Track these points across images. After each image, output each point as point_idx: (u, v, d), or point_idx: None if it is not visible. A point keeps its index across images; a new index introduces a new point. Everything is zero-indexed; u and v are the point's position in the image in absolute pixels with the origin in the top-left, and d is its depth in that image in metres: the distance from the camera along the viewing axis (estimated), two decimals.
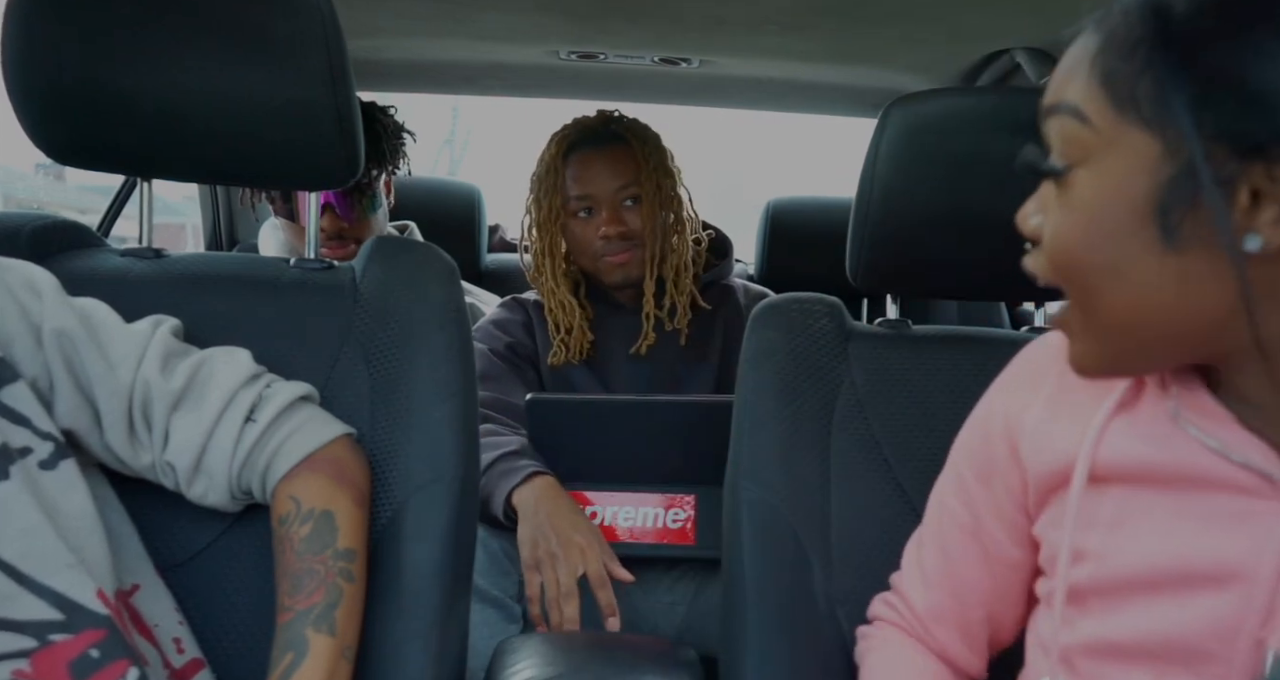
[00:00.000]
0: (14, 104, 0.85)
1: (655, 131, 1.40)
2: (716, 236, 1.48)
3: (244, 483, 0.78)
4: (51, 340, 0.73)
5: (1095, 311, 0.52)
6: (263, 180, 1.08)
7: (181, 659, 0.78)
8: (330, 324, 0.88)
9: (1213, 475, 0.54)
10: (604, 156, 1.35)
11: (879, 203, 0.89)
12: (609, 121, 1.39)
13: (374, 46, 1.59)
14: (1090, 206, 0.50)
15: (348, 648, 0.74)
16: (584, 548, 1.11)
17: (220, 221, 1.96)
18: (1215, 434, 0.54)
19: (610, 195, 1.34)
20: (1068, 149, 0.51)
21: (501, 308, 1.45)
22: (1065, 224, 0.52)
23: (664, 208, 1.36)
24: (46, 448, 0.71)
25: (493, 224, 2.25)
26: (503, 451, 1.19)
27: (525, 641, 0.92)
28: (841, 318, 0.94)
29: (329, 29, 0.83)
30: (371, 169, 1.46)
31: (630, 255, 1.34)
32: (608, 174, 1.34)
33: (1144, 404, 0.58)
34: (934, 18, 1.34)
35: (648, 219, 1.34)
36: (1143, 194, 0.48)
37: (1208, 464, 0.54)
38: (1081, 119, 0.50)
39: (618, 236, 1.33)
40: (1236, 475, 0.53)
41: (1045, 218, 0.54)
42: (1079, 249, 0.51)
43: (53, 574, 0.67)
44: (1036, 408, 0.65)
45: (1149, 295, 0.50)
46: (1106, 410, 0.59)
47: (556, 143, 1.37)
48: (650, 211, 1.34)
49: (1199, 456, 0.54)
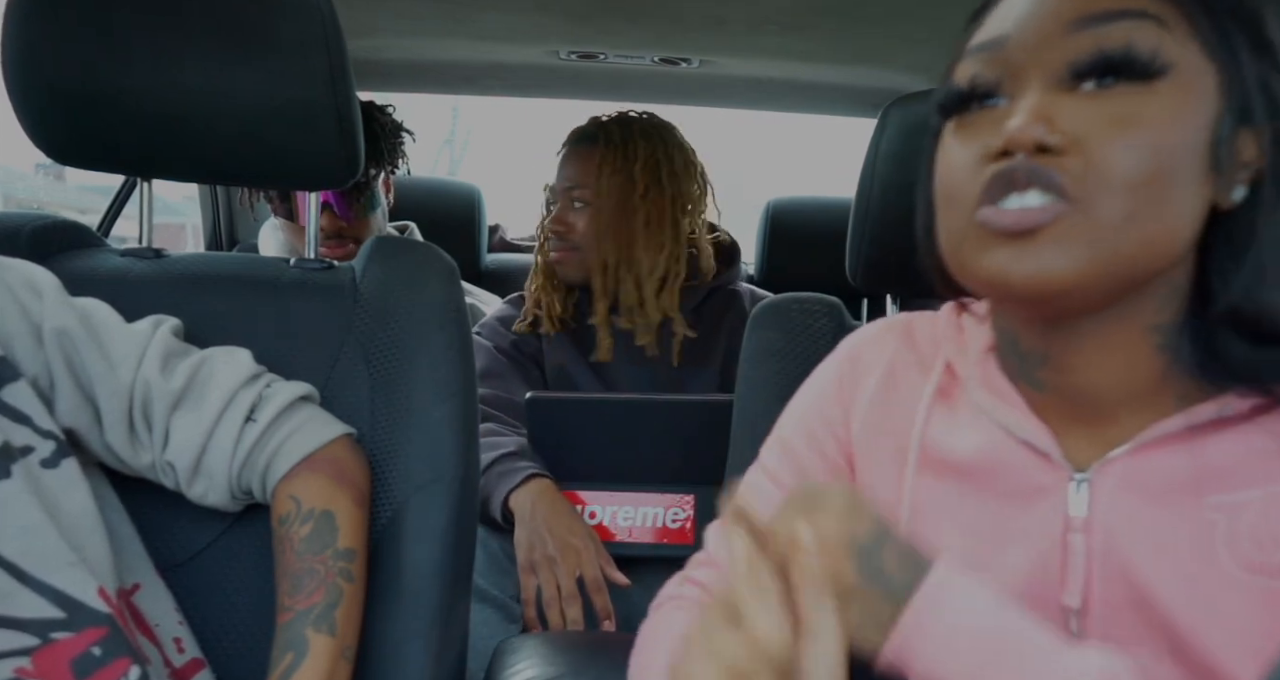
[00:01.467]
0: (14, 104, 0.85)
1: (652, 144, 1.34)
2: (725, 241, 1.47)
3: (244, 482, 0.78)
4: (52, 340, 0.73)
5: (1118, 225, 0.49)
6: (263, 180, 1.08)
7: (182, 658, 0.78)
8: (330, 324, 0.88)
9: (1007, 461, 0.58)
10: (573, 154, 1.36)
11: (879, 202, 0.89)
12: (609, 121, 1.38)
13: (374, 46, 1.59)
14: (1170, 122, 0.49)
15: (348, 648, 0.74)
16: (580, 551, 1.11)
17: (220, 221, 1.96)
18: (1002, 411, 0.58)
19: (562, 194, 1.35)
20: (1154, 56, 0.49)
21: (507, 305, 1.45)
22: (1140, 131, 0.49)
23: (621, 216, 1.31)
24: (48, 446, 0.71)
25: (493, 224, 2.25)
26: (501, 452, 1.19)
27: (525, 641, 0.92)
28: (841, 318, 0.94)
29: (329, 29, 0.84)
30: (370, 168, 1.46)
31: (566, 255, 1.34)
32: (566, 172, 1.35)
33: (955, 388, 0.63)
34: (934, 18, 1.34)
35: (592, 223, 1.32)
36: (1204, 123, 0.50)
37: (1004, 450, 0.58)
38: (1166, 28, 0.50)
39: (554, 234, 1.34)
40: (1024, 457, 0.57)
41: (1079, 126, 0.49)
42: (1146, 166, 0.48)
43: (54, 572, 0.67)
44: (870, 388, 0.67)
45: (1174, 221, 0.50)
46: (929, 394, 0.63)
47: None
48: (593, 217, 1.32)
49: (996, 443, 0.58)
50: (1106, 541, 0.54)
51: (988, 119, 0.53)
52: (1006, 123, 0.51)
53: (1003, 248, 0.51)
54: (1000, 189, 0.50)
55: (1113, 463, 0.55)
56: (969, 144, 0.54)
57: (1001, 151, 0.51)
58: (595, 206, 1.32)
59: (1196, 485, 0.52)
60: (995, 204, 0.51)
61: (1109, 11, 0.50)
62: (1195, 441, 0.53)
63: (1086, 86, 0.50)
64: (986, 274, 0.52)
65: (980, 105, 0.54)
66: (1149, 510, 0.53)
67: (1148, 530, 0.53)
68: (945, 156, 0.56)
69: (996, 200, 0.51)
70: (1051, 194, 0.49)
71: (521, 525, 1.13)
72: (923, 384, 0.64)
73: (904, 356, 0.67)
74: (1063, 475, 0.56)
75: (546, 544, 1.11)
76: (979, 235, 0.52)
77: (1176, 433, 0.53)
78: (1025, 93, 0.52)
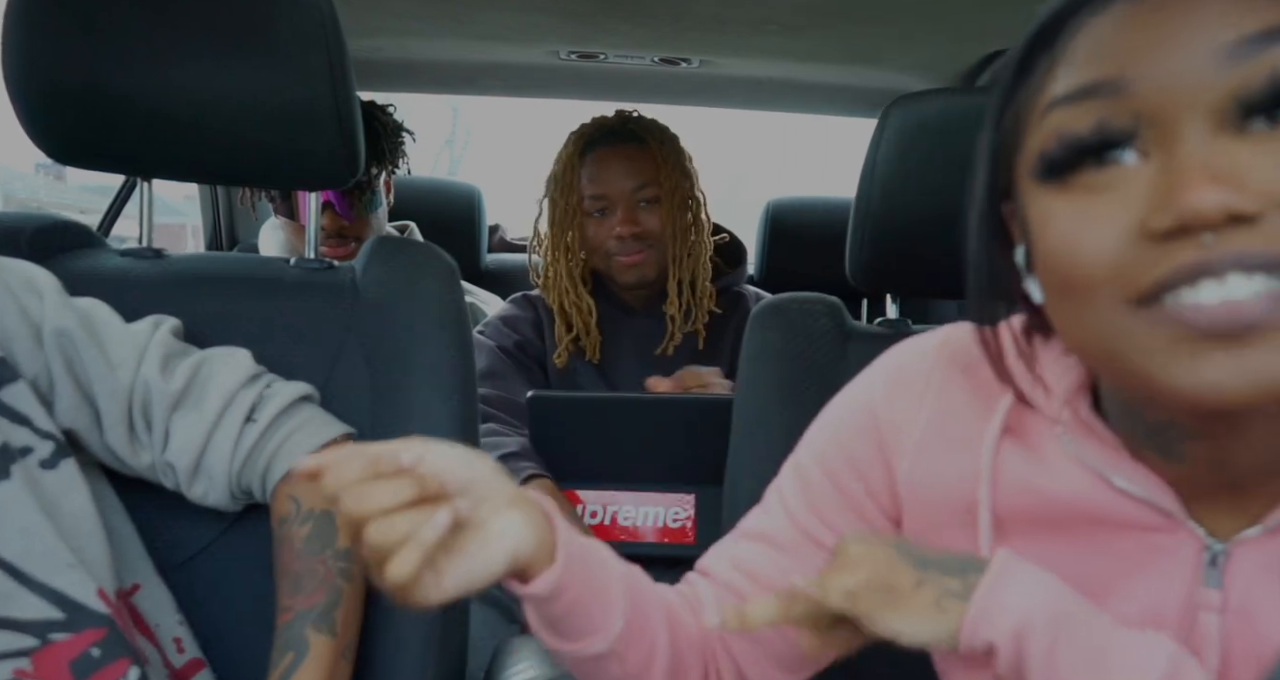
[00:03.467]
0: (14, 104, 0.85)
1: (674, 133, 1.39)
2: (730, 241, 1.47)
3: (244, 483, 0.78)
4: (52, 340, 0.73)
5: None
6: (263, 180, 1.08)
7: (182, 659, 0.78)
8: (330, 324, 0.88)
9: (1115, 514, 0.50)
10: (621, 156, 1.34)
11: (879, 203, 0.89)
12: (627, 121, 1.38)
13: (374, 46, 1.59)
14: None
15: (348, 648, 0.74)
16: None
17: (220, 221, 1.96)
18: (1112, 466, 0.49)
19: (626, 195, 1.33)
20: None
21: (511, 304, 1.45)
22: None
23: (682, 209, 1.35)
24: (47, 447, 0.71)
25: (493, 224, 2.25)
26: (502, 453, 1.19)
27: (525, 641, 0.92)
28: (841, 318, 0.94)
29: (329, 29, 0.83)
30: (371, 168, 1.46)
31: (644, 256, 1.34)
32: (624, 174, 1.33)
33: (1030, 426, 0.53)
34: (934, 18, 1.34)
35: (667, 221, 1.33)
36: None
37: (1107, 501, 0.50)
38: None
39: (632, 237, 1.32)
40: (1137, 512, 0.49)
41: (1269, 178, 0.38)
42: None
43: (53, 573, 0.67)
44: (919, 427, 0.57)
45: None
46: (993, 436, 0.53)
47: (574, 141, 1.37)
48: (668, 213, 1.33)
49: (1098, 493, 0.50)
50: (1243, 625, 0.48)
51: (1119, 181, 0.41)
52: (1176, 192, 0.39)
53: (1213, 355, 0.39)
54: (1186, 279, 0.39)
55: (1257, 540, 0.47)
56: (1099, 216, 0.41)
57: (1176, 229, 0.39)
58: (666, 203, 1.33)
59: None
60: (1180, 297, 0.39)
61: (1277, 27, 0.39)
62: None
63: (1258, 126, 0.39)
64: (1197, 395, 0.40)
65: (1097, 161, 0.42)
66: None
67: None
68: (1061, 231, 0.43)
69: (1180, 291, 0.39)
70: (1265, 276, 0.38)
71: None
72: (984, 419, 0.55)
73: (957, 385, 0.57)
74: (1191, 543, 0.49)
75: None
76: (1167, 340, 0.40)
77: None
78: (1176, 144, 0.40)
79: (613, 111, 1.41)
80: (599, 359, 1.37)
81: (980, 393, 0.55)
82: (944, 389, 0.57)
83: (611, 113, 1.40)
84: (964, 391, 0.56)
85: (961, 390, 0.56)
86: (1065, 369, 0.52)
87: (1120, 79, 0.41)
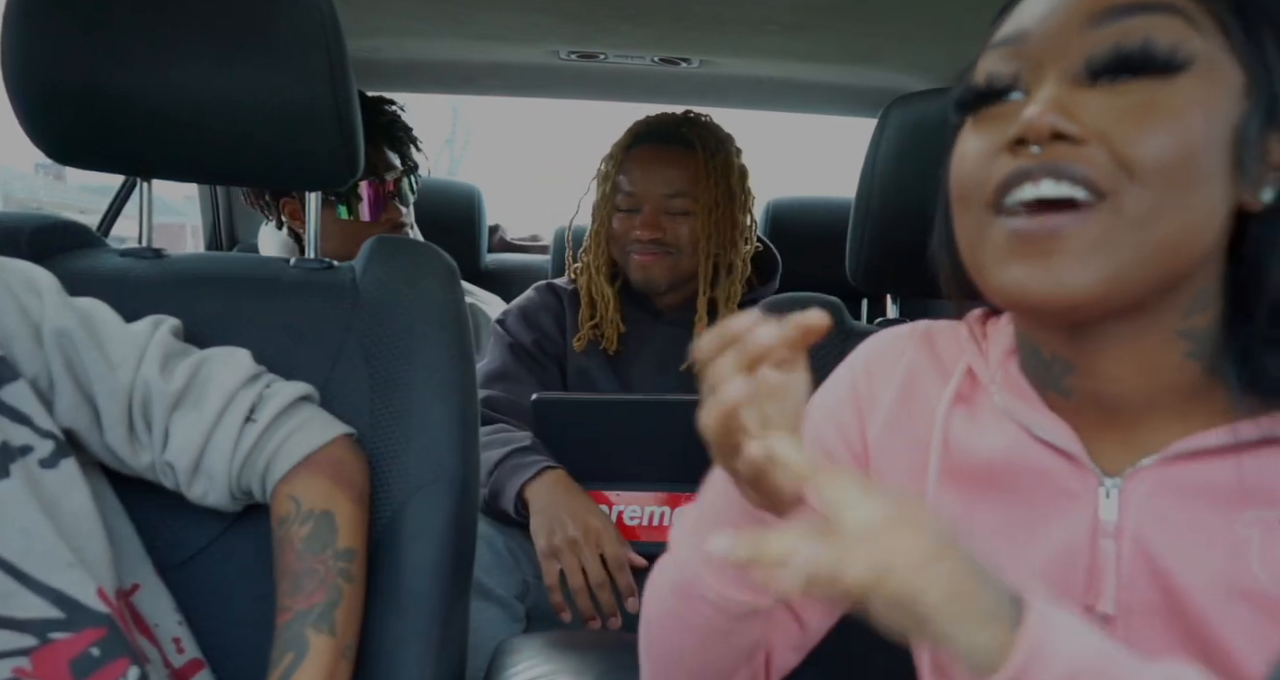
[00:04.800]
0: (14, 104, 0.85)
1: (733, 147, 1.36)
2: (765, 251, 1.45)
3: (244, 483, 0.78)
4: (51, 340, 0.73)
5: (1144, 221, 0.47)
6: (263, 180, 1.08)
7: (181, 659, 0.78)
8: (330, 324, 0.88)
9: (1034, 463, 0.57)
10: (663, 158, 1.32)
11: (879, 202, 0.89)
12: (683, 123, 1.36)
13: (374, 46, 1.59)
14: (1192, 113, 0.47)
15: (348, 648, 0.74)
16: (601, 531, 1.12)
17: (220, 221, 1.96)
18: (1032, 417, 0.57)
19: (655, 199, 1.31)
20: (1173, 51, 0.48)
21: (534, 292, 1.43)
22: (1161, 120, 0.47)
23: (718, 227, 1.32)
24: (47, 446, 0.71)
25: (493, 224, 2.25)
26: (515, 447, 1.20)
27: (526, 641, 0.92)
28: (841, 318, 0.94)
29: (329, 29, 0.84)
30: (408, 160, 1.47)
31: (657, 259, 1.32)
32: (660, 178, 1.31)
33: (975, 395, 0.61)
34: (934, 18, 1.34)
35: (700, 234, 1.31)
36: (1228, 120, 0.48)
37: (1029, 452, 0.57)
38: (1193, 23, 0.48)
39: (650, 241, 1.31)
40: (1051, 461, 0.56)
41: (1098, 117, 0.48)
42: (1172, 153, 0.47)
43: (53, 572, 0.67)
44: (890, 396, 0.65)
45: (1198, 217, 0.48)
46: (946, 404, 0.61)
47: (628, 132, 1.36)
48: (702, 227, 1.31)
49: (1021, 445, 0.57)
50: (1137, 547, 0.53)
51: (1004, 113, 0.52)
52: (1022, 113, 0.49)
53: (1021, 261, 0.49)
54: (1015, 180, 0.49)
55: (1146, 470, 0.53)
56: (985, 138, 0.52)
57: (1017, 140, 0.49)
58: (699, 216, 1.31)
59: (1233, 499, 0.51)
60: (1010, 198, 0.49)
61: (1130, 5, 0.49)
62: (1236, 456, 0.51)
63: (1102, 82, 0.49)
64: (1004, 290, 0.50)
65: (999, 100, 0.53)
66: (1182, 519, 0.52)
67: (1180, 538, 0.52)
68: (960, 151, 0.55)
69: (1011, 192, 0.49)
70: (1070, 184, 0.48)
71: (539, 513, 1.14)
72: (942, 390, 0.63)
73: (923, 364, 0.65)
74: (1092, 480, 0.55)
75: (567, 527, 1.12)
76: (998, 243, 0.51)
77: (1215, 447, 0.51)
78: (1042, 85, 0.50)
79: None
80: (615, 352, 1.36)
81: (940, 369, 0.64)
82: (911, 364, 0.66)
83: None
84: (928, 368, 0.65)
85: (926, 367, 0.65)
86: (1000, 336, 0.61)
87: (1018, 34, 0.53)
